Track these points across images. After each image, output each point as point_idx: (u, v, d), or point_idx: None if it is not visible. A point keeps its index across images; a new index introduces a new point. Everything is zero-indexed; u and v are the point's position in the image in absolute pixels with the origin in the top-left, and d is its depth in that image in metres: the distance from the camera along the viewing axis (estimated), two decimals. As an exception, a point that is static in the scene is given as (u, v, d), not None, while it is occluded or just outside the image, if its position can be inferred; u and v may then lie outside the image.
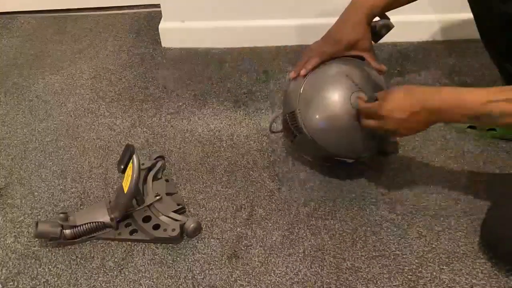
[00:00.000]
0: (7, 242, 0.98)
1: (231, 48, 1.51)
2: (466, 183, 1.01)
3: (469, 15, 0.99)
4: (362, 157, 0.99)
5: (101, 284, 0.89)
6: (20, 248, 0.97)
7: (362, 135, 0.93)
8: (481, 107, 0.74)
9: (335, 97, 0.93)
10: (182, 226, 0.93)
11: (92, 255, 0.94)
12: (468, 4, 0.97)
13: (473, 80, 1.27)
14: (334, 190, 1.02)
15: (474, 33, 1.01)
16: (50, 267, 0.92)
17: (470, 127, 1.09)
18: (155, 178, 1.04)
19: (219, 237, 0.95)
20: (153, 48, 1.56)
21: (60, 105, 1.35)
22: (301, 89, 0.96)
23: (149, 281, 0.88)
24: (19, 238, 0.99)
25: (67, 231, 0.93)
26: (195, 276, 0.88)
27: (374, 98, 0.88)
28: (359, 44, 0.95)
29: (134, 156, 0.92)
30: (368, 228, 0.94)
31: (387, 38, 0.99)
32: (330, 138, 0.95)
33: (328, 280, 0.86)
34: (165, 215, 0.95)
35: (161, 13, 1.54)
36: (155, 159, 1.08)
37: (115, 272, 0.90)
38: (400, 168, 1.06)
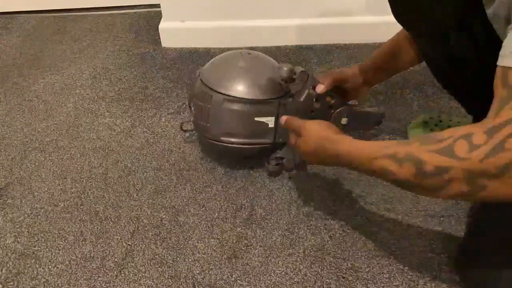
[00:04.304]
0: (7, 242, 0.98)
1: (231, 48, 1.50)
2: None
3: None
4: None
5: (101, 284, 0.89)
6: (20, 248, 0.97)
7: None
8: (368, 164, 0.68)
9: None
10: None
11: (92, 255, 0.94)
12: None
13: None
14: (334, 190, 1.02)
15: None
16: (50, 267, 0.92)
17: None
18: None
19: (219, 237, 0.95)
20: (153, 48, 1.56)
21: (60, 105, 1.35)
22: None
23: (149, 281, 0.88)
24: (19, 238, 0.99)
25: None
26: (195, 276, 0.88)
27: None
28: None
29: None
30: (368, 228, 0.94)
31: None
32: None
33: (328, 280, 0.86)
34: None
35: (161, 13, 1.55)
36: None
37: (115, 272, 0.90)
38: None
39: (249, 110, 0.98)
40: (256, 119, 0.99)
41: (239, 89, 0.98)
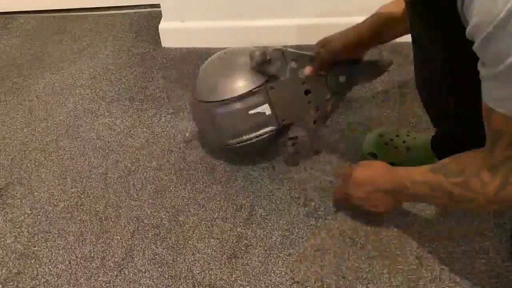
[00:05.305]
0: (7, 242, 0.98)
1: (231, 48, 1.51)
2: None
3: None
4: None
5: (101, 284, 0.89)
6: (20, 248, 0.97)
7: None
8: (412, 188, 0.78)
9: None
10: None
11: (92, 255, 0.94)
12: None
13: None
14: (334, 190, 1.02)
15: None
16: (50, 267, 0.92)
17: (371, 154, 1.05)
18: None
19: (219, 237, 0.95)
20: (153, 48, 1.56)
21: (60, 105, 1.35)
22: None
23: (149, 281, 0.88)
24: (19, 238, 0.99)
25: None
26: (195, 276, 0.89)
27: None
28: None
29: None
30: (368, 228, 0.94)
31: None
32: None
33: (328, 280, 0.86)
34: None
35: (161, 13, 1.54)
36: None
37: (115, 272, 0.90)
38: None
39: (241, 107, 0.98)
40: (251, 112, 0.99)
41: (222, 91, 0.99)
